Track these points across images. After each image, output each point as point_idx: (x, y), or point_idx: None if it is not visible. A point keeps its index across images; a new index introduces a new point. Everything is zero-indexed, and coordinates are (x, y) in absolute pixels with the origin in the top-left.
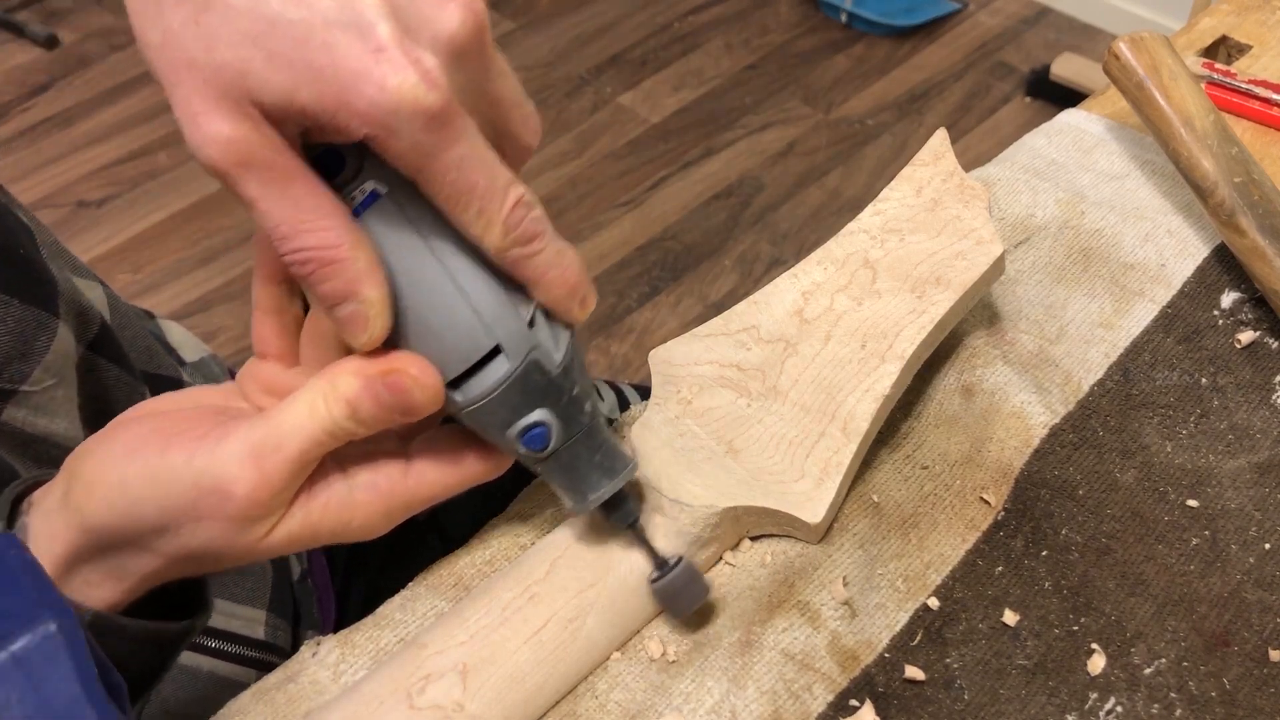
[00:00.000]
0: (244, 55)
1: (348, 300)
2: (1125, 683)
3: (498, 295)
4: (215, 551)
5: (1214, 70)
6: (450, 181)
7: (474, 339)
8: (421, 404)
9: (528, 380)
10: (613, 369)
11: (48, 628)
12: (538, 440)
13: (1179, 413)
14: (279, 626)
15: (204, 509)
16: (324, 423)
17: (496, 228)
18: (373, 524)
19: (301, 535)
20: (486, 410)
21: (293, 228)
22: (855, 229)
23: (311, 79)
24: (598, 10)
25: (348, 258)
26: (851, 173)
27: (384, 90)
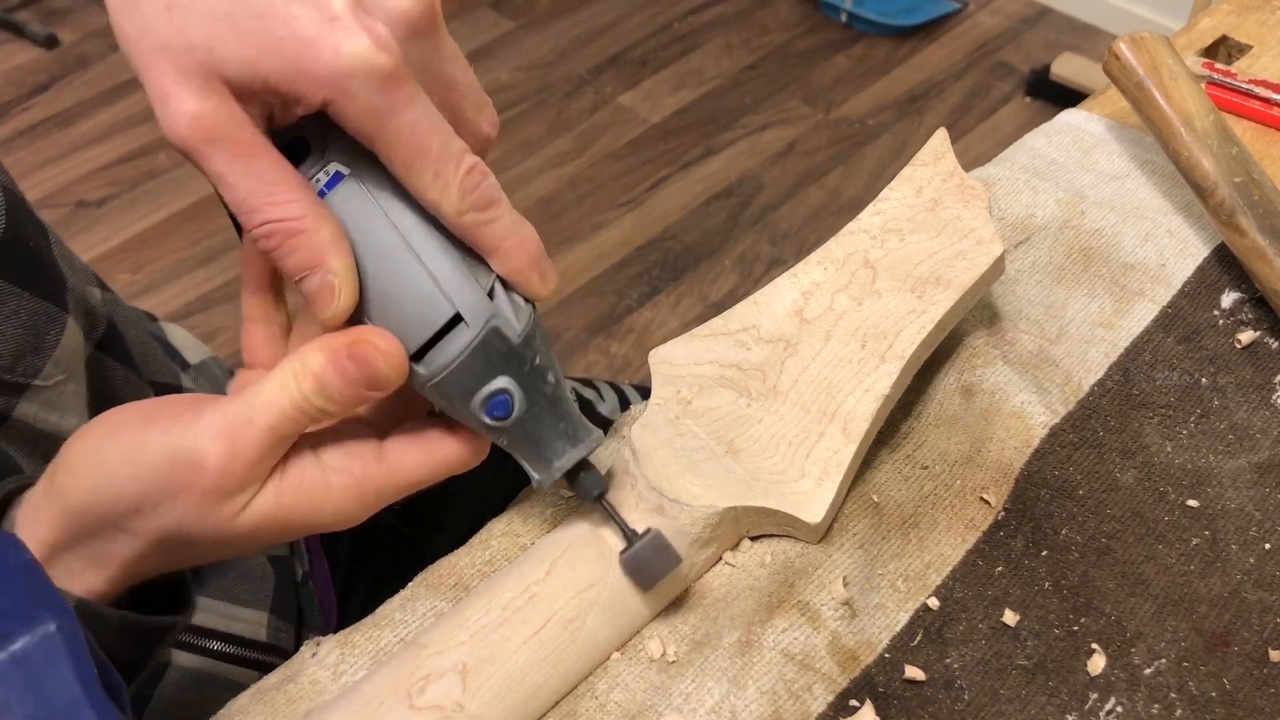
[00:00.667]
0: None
1: (314, 271)
2: (1125, 683)
3: (457, 265)
4: (190, 530)
5: (1214, 70)
6: (405, 144)
7: (435, 307)
8: (386, 374)
9: (489, 347)
10: (613, 369)
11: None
12: (501, 407)
13: (1179, 413)
14: (281, 628)
15: (178, 483)
16: (294, 397)
17: (453, 190)
18: (346, 508)
19: (275, 517)
20: (450, 380)
21: (260, 200)
22: (855, 229)
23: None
24: (598, 10)
25: (311, 228)
26: (851, 173)
27: (339, 54)
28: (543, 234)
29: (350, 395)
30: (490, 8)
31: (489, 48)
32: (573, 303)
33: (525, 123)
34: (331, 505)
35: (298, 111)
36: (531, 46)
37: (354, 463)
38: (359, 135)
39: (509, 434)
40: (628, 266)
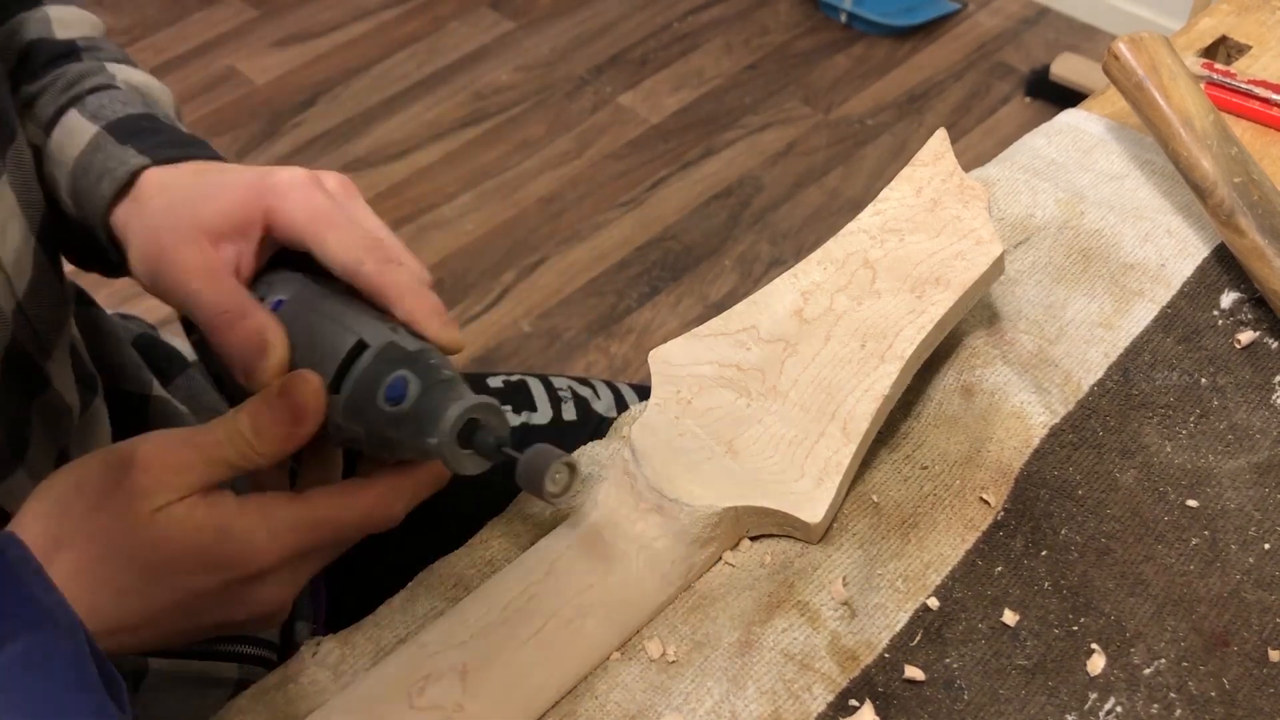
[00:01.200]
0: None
1: (254, 338)
2: (1125, 683)
3: (365, 315)
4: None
5: (1214, 70)
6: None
7: (342, 339)
8: (306, 401)
9: (386, 354)
10: (612, 369)
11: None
12: (396, 388)
13: (1179, 413)
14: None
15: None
16: (228, 428)
17: (356, 249)
18: (255, 532)
19: (186, 529)
20: (357, 390)
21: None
22: (855, 229)
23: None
24: (598, 10)
25: (254, 313)
26: (851, 173)
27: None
28: (543, 234)
29: (277, 432)
30: (490, 8)
31: (489, 48)
32: (573, 303)
33: (525, 123)
34: (240, 525)
35: (254, 234)
36: (531, 46)
37: (267, 497)
38: (292, 229)
39: (409, 418)
40: (628, 266)
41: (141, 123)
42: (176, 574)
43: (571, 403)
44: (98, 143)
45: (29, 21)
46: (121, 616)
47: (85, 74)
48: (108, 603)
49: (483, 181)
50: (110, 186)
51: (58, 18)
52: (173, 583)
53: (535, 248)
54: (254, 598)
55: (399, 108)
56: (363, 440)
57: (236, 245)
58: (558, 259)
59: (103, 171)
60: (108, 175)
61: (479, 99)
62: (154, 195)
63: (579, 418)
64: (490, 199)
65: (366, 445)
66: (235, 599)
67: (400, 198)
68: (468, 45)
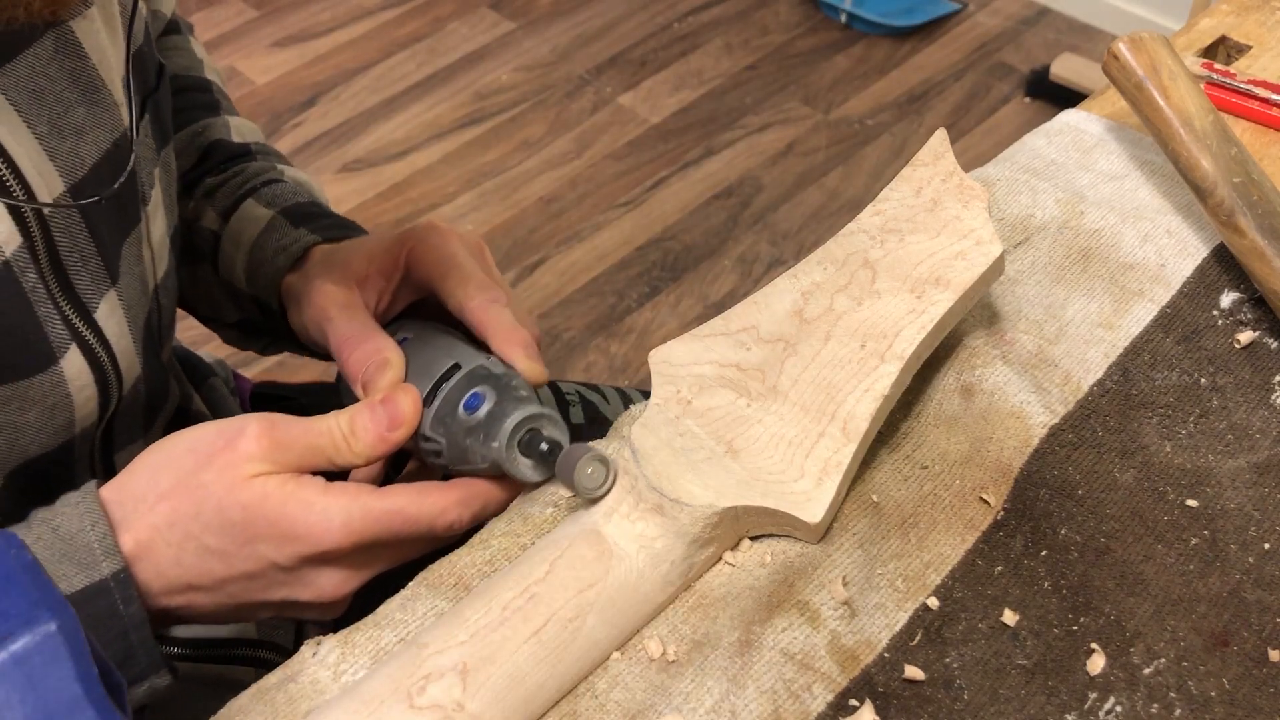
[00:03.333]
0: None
1: (376, 357)
2: (1125, 682)
3: (468, 346)
4: (207, 486)
5: (1213, 70)
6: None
7: (441, 363)
8: (404, 409)
9: (474, 374)
10: (613, 369)
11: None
12: (475, 399)
13: (1178, 413)
14: (276, 624)
15: (219, 445)
16: (330, 425)
17: (472, 287)
18: (335, 514)
19: (276, 492)
20: (445, 402)
21: (355, 330)
22: (855, 229)
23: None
24: (598, 10)
25: (381, 342)
26: (851, 173)
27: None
28: (543, 234)
29: (372, 436)
30: (490, 8)
31: (489, 48)
32: (573, 303)
33: (525, 123)
34: (322, 503)
35: (395, 276)
36: (531, 46)
37: (351, 485)
38: (423, 267)
39: (483, 425)
40: (628, 266)
41: (311, 209)
42: (258, 540)
43: (579, 406)
44: (273, 224)
45: (212, 126)
46: (201, 574)
47: (260, 171)
48: (192, 558)
49: (483, 181)
50: (286, 260)
51: (236, 126)
52: (253, 550)
53: (535, 248)
54: (321, 581)
55: (399, 108)
56: (444, 450)
57: (378, 287)
58: (558, 259)
59: (278, 249)
60: (283, 252)
61: (479, 99)
62: (319, 259)
63: (586, 421)
64: (490, 199)
65: (446, 455)
66: (304, 578)
67: (400, 198)
68: (468, 45)
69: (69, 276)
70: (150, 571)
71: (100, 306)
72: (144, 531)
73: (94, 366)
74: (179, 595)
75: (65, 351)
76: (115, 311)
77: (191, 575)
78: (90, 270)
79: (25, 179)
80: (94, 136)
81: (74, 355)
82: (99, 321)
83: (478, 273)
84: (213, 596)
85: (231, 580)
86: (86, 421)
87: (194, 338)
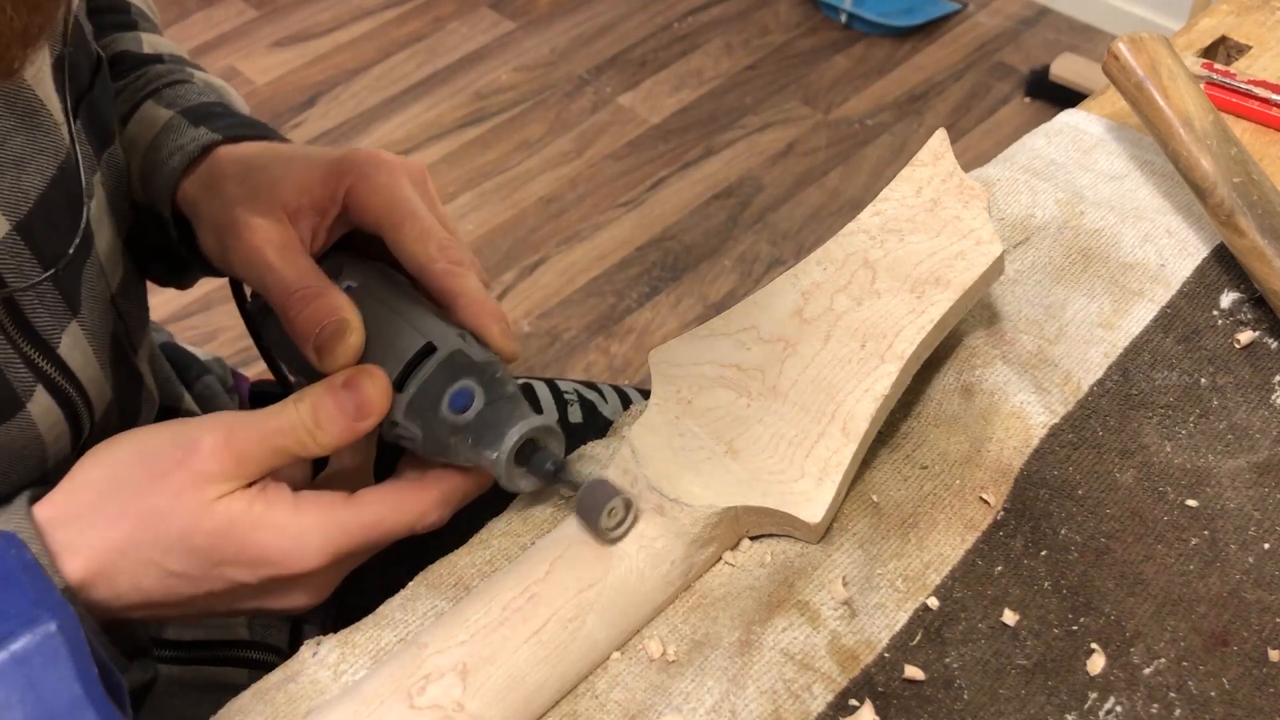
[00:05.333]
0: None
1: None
2: (1125, 682)
3: (434, 318)
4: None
5: (1213, 70)
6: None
7: (411, 340)
8: (373, 396)
9: (454, 361)
10: (613, 369)
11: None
12: (462, 397)
13: (1178, 413)
14: (270, 625)
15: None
16: (290, 417)
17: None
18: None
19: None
20: (422, 392)
21: (298, 277)
22: (855, 229)
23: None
24: (598, 10)
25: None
26: (851, 173)
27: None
28: (543, 234)
29: (340, 423)
30: (490, 8)
31: (489, 48)
32: (573, 303)
33: (525, 123)
34: (295, 527)
35: (330, 212)
36: (531, 46)
37: (323, 497)
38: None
39: (471, 428)
40: (628, 266)
41: (214, 108)
42: (226, 566)
43: (578, 406)
44: (170, 124)
45: (120, 39)
46: (165, 595)
47: (165, 73)
48: (154, 582)
49: (483, 181)
50: (181, 160)
51: (148, 39)
52: (220, 574)
53: (535, 248)
54: (293, 595)
55: (399, 108)
56: (418, 440)
57: (311, 223)
58: (558, 259)
59: (174, 149)
60: (179, 152)
61: (479, 99)
62: (229, 171)
63: (585, 421)
64: (490, 199)
65: (421, 446)
66: (276, 594)
67: None
68: (468, 45)
69: (26, 316)
70: (107, 593)
71: (63, 341)
72: (95, 557)
73: (63, 403)
74: (140, 611)
75: (31, 395)
76: (79, 342)
77: (154, 596)
78: (48, 306)
79: None
80: (36, 164)
81: (40, 396)
82: (63, 357)
83: (435, 226)
84: (179, 610)
85: (197, 599)
86: (59, 455)
87: (194, 337)
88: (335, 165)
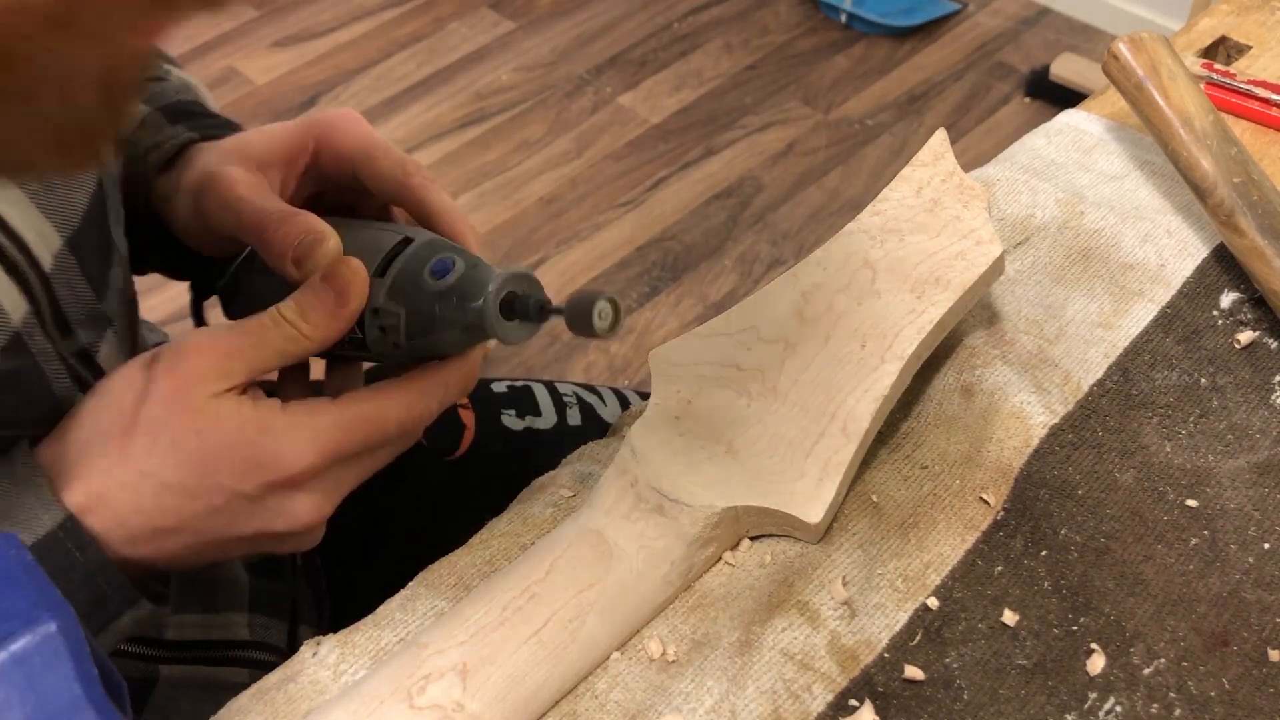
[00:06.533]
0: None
1: (309, 233)
2: (1125, 683)
3: (407, 225)
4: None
5: (1213, 70)
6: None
7: (387, 238)
8: (350, 280)
9: (433, 244)
10: (613, 369)
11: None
12: (444, 264)
13: (1178, 413)
14: (269, 625)
15: (160, 368)
16: (274, 315)
17: (407, 163)
18: (299, 433)
19: (232, 416)
20: (403, 271)
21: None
22: (855, 229)
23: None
24: (598, 10)
25: (305, 214)
26: (851, 173)
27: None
28: (543, 234)
29: (322, 314)
30: (490, 8)
31: (489, 48)
32: None
33: (525, 123)
34: (283, 424)
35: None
36: (531, 46)
37: (310, 401)
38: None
39: (454, 289)
40: (628, 266)
41: (192, 107)
42: (219, 471)
43: (576, 408)
44: (147, 121)
45: None
46: (163, 514)
47: None
48: (150, 499)
49: (483, 181)
50: (159, 158)
51: None
52: (215, 482)
53: (535, 248)
54: (293, 507)
55: (399, 108)
56: (401, 323)
57: (280, 174)
58: (558, 259)
59: (151, 147)
60: (156, 149)
61: (479, 99)
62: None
63: (584, 423)
64: (490, 199)
65: (405, 327)
66: (274, 507)
67: None
68: (468, 45)
69: (73, 329)
70: (109, 520)
71: (101, 350)
72: (94, 479)
73: None
74: (145, 544)
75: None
76: (114, 350)
77: (153, 518)
78: (91, 317)
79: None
80: (82, 178)
81: None
82: (102, 365)
83: (405, 154)
84: (180, 538)
85: (197, 517)
86: None
87: None
88: (303, 122)
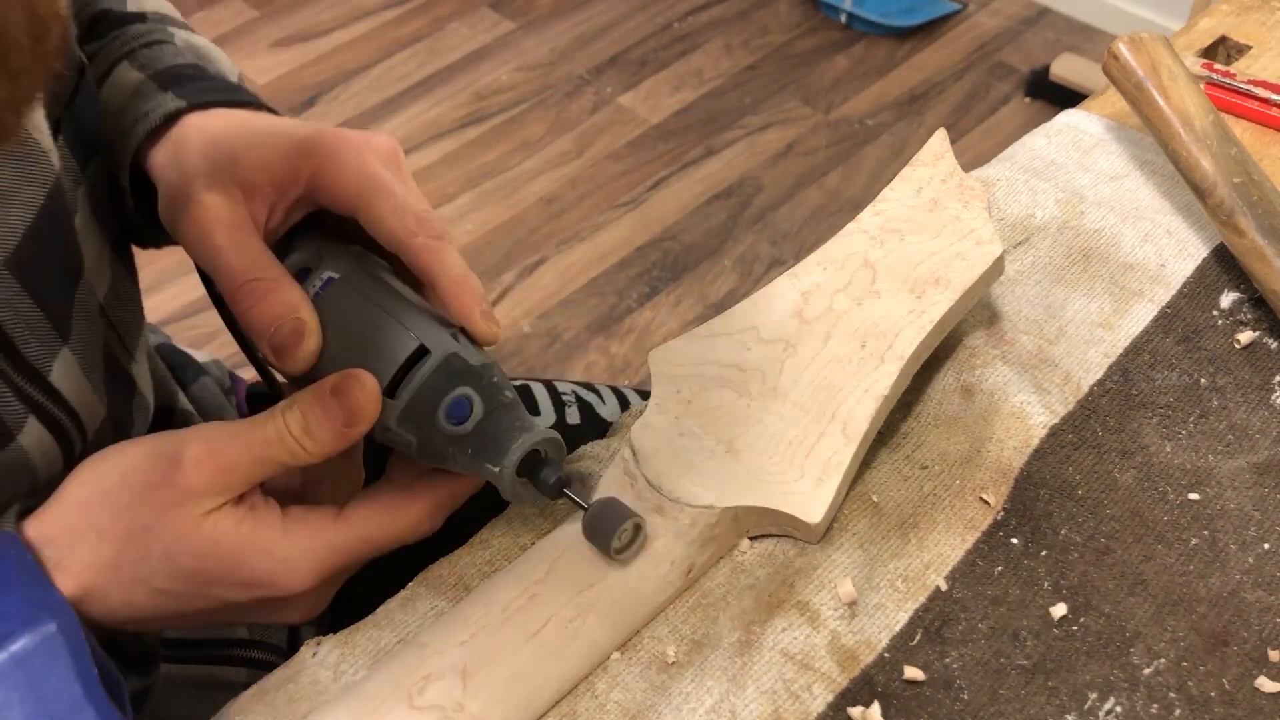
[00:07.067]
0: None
1: (286, 318)
2: (1125, 683)
3: (423, 315)
4: (150, 530)
5: (1213, 70)
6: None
7: (403, 343)
8: (362, 403)
9: (449, 367)
10: (613, 369)
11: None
12: (460, 408)
13: (1178, 413)
14: (269, 624)
15: (155, 476)
16: (278, 426)
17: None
18: (299, 557)
19: (227, 544)
20: (417, 398)
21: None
22: (855, 229)
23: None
24: (598, 10)
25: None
26: (851, 173)
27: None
28: (543, 234)
29: (329, 430)
30: (490, 8)
31: (489, 48)
32: (573, 303)
33: (525, 123)
34: (284, 550)
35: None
36: (531, 46)
37: (312, 516)
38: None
39: (471, 439)
40: (628, 266)
41: (186, 71)
42: (215, 586)
43: (575, 407)
44: (139, 90)
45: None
46: (158, 611)
47: (144, 33)
48: (144, 599)
49: (483, 181)
50: (143, 128)
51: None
52: (210, 593)
53: (535, 248)
54: (285, 612)
55: (399, 108)
56: (413, 447)
57: (269, 200)
58: (558, 259)
59: (137, 115)
60: (142, 119)
61: (479, 99)
62: (193, 142)
63: (583, 422)
64: (490, 199)
65: (416, 452)
66: (269, 610)
67: None
68: (468, 45)
69: (16, 347)
70: (100, 610)
71: (54, 368)
72: (86, 574)
73: (54, 430)
74: (136, 625)
75: (22, 426)
76: (71, 368)
77: (148, 612)
78: (38, 334)
79: None
80: (25, 196)
81: (32, 426)
82: (55, 384)
83: (410, 200)
84: (175, 623)
85: (192, 614)
86: (51, 474)
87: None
88: (300, 144)
